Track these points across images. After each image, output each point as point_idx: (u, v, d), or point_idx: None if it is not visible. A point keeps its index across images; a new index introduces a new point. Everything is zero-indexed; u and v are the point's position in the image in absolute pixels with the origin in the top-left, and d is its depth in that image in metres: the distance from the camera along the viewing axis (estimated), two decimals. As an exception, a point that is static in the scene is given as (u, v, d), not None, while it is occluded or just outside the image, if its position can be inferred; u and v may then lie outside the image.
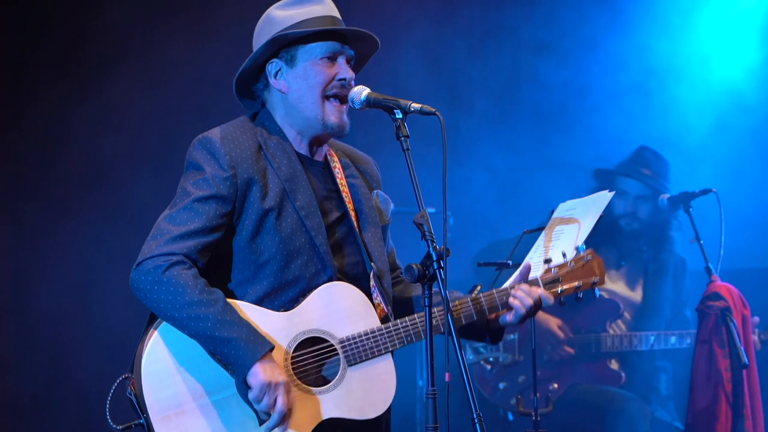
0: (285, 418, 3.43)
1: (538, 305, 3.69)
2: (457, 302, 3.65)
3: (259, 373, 3.40)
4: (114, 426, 3.47)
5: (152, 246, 3.46)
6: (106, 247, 6.39)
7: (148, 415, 3.42)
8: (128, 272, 3.48)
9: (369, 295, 3.63)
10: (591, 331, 6.17)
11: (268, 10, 3.69)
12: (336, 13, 3.67)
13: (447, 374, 3.16)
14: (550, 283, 3.75)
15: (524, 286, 3.70)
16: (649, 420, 6.06)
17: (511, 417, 6.12)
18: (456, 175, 6.61)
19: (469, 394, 3.18)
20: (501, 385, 6.12)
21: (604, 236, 6.25)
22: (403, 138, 3.42)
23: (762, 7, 7.32)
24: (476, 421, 3.19)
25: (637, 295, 6.37)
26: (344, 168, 3.76)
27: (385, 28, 6.57)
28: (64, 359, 6.46)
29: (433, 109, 3.41)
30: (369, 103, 3.54)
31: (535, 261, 3.95)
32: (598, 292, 3.83)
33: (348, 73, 3.62)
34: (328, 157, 3.75)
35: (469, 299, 3.67)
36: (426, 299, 3.31)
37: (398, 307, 3.79)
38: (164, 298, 3.41)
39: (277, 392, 3.42)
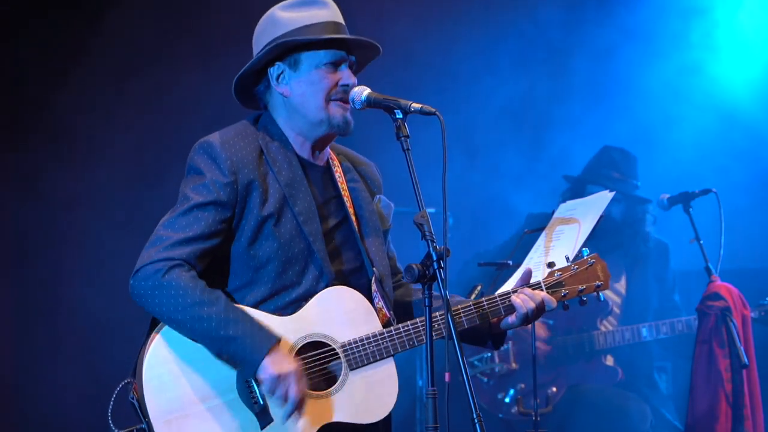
0: (300, 405, 3.44)
1: (541, 308, 3.67)
2: (459, 306, 3.63)
3: (268, 367, 3.40)
4: (115, 430, 3.46)
5: (151, 253, 3.46)
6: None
7: (149, 419, 3.42)
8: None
9: (371, 299, 3.62)
10: (582, 330, 6.17)
11: (272, 11, 3.66)
12: (340, 18, 3.65)
13: (447, 374, 3.16)
14: (552, 286, 3.74)
15: (527, 290, 3.68)
16: (649, 419, 6.07)
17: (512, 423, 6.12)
18: (456, 174, 6.62)
19: (469, 394, 3.18)
20: (500, 395, 6.12)
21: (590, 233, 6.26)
22: (403, 138, 3.40)
23: (761, 8, 7.34)
24: (476, 421, 3.19)
25: (621, 290, 6.38)
26: (345, 172, 3.76)
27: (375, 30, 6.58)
28: (67, 364, 6.47)
29: (434, 109, 3.39)
30: (369, 103, 3.53)
31: (535, 261, 3.95)
32: (602, 296, 3.82)
33: (351, 80, 3.61)
34: (330, 161, 3.74)
35: (471, 303, 3.65)
36: (426, 299, 3.30)
37: (399, 311, 3.78)
38: (166, 302, 3.41)
39: (289, 382, 3.42)
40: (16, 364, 6.47)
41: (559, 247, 3.90)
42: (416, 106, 3.43)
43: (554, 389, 6.09)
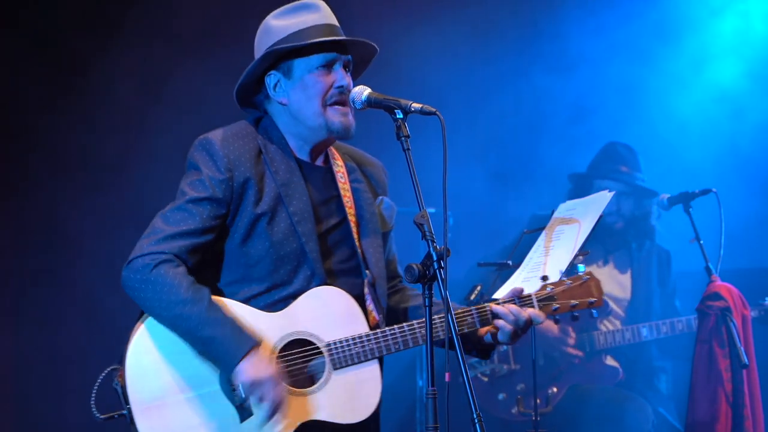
0: (275, 411, 3.46)
1: (528, 324, 3.69)
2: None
3: (243, 373, 3.44)
4: (98, 415, 3.52)
5: (144, 244, 3.51)
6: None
7: (130, 406, 3.46)
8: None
9: (362, 301, 3.64)
10: (583, 330, 6.18)
11: (266, 20, 3.69)
12: (333, 20, 3.66)
13: (447, 374, 3.16)
14: (544, 300, 3.76)
15: (513, 307, 3.69)
16: (651, 419, 6.06)
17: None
18: (456, 174, 6.61)
19: (469, 395, 3.18)
20: (500, 396, 6.11)
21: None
22: (403, 138, 3.41)
23: (760, 10, 7.35)
24: (476, 421, 3.19)
25: (625, 291, 6.38)
26: (349, 172, 3.77)
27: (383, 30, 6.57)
28: (60, 353, 6.46)
29: (434, 109, 3.40)
30: (370, 103, 3.54)
31: (535, 261, 3.95)
32: (596, 313, 3.83)
33: (345, 80, 3.62)
34: (332, 161, 3.75)
35: (462, 311, 3.65)
36: (426, 299, 3.30)
37: (394, 316, 3.78)
38: (152, 297, 3.46)
39: (263, 388, 3.45)
40: (16, 366, 6.48)
41: (559, 247, 3.91)
42: (416, 105, 3.43)
43: (555, 389, 6.09)
